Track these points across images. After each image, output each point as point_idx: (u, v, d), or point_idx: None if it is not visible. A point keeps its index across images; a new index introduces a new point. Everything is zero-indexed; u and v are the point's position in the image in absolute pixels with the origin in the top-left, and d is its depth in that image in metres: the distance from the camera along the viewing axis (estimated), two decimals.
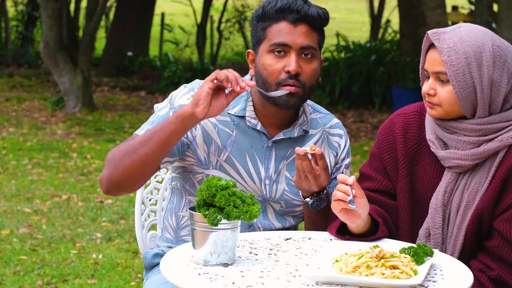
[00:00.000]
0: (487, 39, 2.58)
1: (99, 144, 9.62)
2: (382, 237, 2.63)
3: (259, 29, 2.75)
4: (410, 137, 2.72)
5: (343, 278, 2.25)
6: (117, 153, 2.64)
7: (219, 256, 2.38)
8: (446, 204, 2.65)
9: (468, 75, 2.55)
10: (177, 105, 2.75)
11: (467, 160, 2.61)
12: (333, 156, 2.90)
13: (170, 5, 24.14)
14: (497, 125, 2.60)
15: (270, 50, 2.71)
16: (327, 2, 28.09)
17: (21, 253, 5.58)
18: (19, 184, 7.61)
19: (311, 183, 2.68)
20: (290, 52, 2.71)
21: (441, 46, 2.57)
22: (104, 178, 2.66)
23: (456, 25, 2.64)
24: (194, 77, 13.77)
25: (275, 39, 2.71)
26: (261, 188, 2.81)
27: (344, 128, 2.96)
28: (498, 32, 8.45)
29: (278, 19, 2.72)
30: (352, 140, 10.22)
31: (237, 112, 2.80)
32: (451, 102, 2.59)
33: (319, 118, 2.90)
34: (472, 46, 2.56)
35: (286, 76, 2.69)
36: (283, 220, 2.87)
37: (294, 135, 2.82)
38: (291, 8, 2.71)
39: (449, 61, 2.55)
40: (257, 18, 2.76)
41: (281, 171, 2.82)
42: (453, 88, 2.56)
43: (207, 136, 2.77)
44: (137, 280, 5.13)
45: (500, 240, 2.60)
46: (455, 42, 2.56)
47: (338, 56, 13.30)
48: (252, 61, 2.80)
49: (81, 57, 11.60)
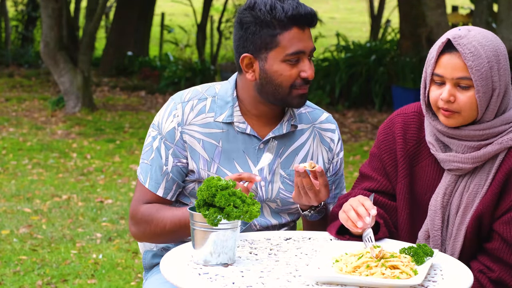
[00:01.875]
0: (499, 42, 2.59)
1: (99, 144, 9.61)
2: (382, 238, 2.63)
3: (265, 35, 2.70)
4: (409, 138, 2.72)
5: (343, 278, 2.25)
6: (148, 229, 2.83)
7: (219, 256, 2.38)
8: (446, 206, 2.65)
9: (490, 79, 2.55)
10: (166, 133, 2.80)
11: (467, 164, 2.60)
12: (327, 152, 2.91)
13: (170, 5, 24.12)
14: (498, 128, 2.59)
15: (285, 60, 2.71)
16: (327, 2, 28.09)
17: (21, 253, 5.57)
18: (19, 184, 7.60)
19: (311, 199, 2.68)
20: (303, 58, 2.72)
21: (464, 51, 2.53)
22: (140, 239, 2.89)
23: (464, 28, 2.59)
24: (194, 77, 13.77)
25: (291, 49, 2.69)
26: (256, 190, 2.81)
27: (335, 122, 2.97)
28: (498, 32, 8.45)
29: (289, 26, 2.69)
30: (352, 140, 10.21)
31: (224, 119, 2.80)
32: (471, 108, 2.57)
33: (308, 113, 2.91)
34: (491, 50, 2.55)
35: (301, 81, 2.72)
36: (279, 217, 2.88)
37: (283, 131, 2.82)
38: (300, 14, 2.69)
39: (474, 66, 2.53)
40: (260, 24, 2.70)
41: (276, 170, 2.82)
42: (477, 93, 2.54)
43: (193, 152, 2.80)
44: (137, 280, 5.13)
45: (500, 242, 2.59)
46: (475, 47, 2.54)
47: (338, 56, 13.29)
48: (249, 65, 2.75)
49: (81, 57, 11.60)
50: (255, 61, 2.74)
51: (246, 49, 2.74)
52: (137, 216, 2.82)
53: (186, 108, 2.81)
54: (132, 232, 2.87)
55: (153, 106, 12.29)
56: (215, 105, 2.81)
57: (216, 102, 2.82)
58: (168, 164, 2.79)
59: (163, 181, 2.80)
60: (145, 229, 2.81)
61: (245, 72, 2.76)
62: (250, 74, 2.75)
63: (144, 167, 2.83)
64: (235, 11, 16.95)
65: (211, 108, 2.81)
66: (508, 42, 8.37)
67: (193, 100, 2.82)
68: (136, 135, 10.15)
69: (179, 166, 2.80)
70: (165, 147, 2.80)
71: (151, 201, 2.82)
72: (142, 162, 2.84)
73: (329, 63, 12.94)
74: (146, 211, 2.80)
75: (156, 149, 2.81)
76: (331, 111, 11.83)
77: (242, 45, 2.74)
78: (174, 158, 2.79)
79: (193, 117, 2.80)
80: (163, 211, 2.78)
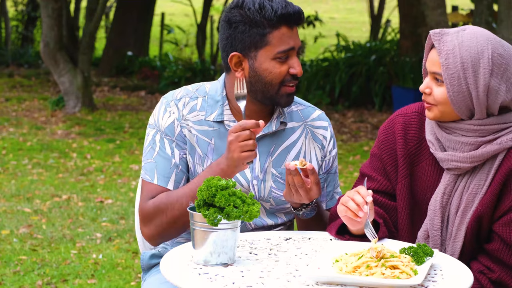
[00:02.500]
0: (489, 46, 2.56)
1: (99, 144, 9.61)
2: (383, 237, 2.63)
3: (254, 34, 2.72)
4: (410, 138, 2.72)
5: (343, 278, 2.25)
6: (163, 216, 2.75)
7: (219, 256, 2.38)
8: (445, 206, 2.65)
9: (463, 80, 2.55)
10: (165, 128, 2.80)
11: (466, 163, 2.60)
12: (319, 150, 2.91)
13: (170, 5, 24.13)
14: (494, 126, 2.59)
15: (276, 57, 2.73)
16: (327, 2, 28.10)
17: (21, 253, 5.57)
18: (19, 184, 7.60)
19: (303, 197, 2.68)
20: (292, 55, 2.75)
21: (440, 48, 2.56)
22: (155, 237, 2.80)
23: (462, 27, 2.62)
24: (194, 77, 13.78)
25: (281, 47, 2.72)
26: (249, 189, 2.82)
27: (328, 119, 2.97)
28: (498, 32, 8.44)
29: (279, 26, 2.72)
30: (352, 140, 10.21)
31: (215, 118, 2.81)
32: (445, 103, 2.59)
33: (299, 111, 2.91)
34: (471, 52, 2.55)
35: (290, 78, 2.75)
36: (275, 218, 2.88)
37: (272, 129, 2.83)
38: (289, 12, 2.72)
39: (445, 63, 2.55)
40: (249, 23, 2.71)
41: (267, 169, 2.83)
42: (447, 90, 2.56)
43: (191, 147, 2.81)
44: (137, 280, 5.13)
45: (500, 243, 2.60)
46: (454, 46, 2.55)
47: (338, 56, 13.30)
48: (237, 64, 2.76)
49: (81, 57, 11.60)
50: (244, 59, 2.75)
51: (234, 48, 2.75)
52: (148, 212, 2.77)
53: (179, 104, 2.83)
54: (147, 233, 2.79)
55: (153, 106, 12.29)
56: (206, 104, 2.83)
57: (207, 101, 2.84)
58: (175, 157, 2.79)
59: (173, 173, 2.79)
60: (161, 221, 2.75)
61: (234, 71, 2.77)
62: (240, 73, 2.76)
63: (149, 165, 2.82)
64: (222, 10, 16.97)
65: (202, 107, 2.83)
66: (508, 42, 8.36)
67: (184, 98, 2.85)
68: (136, 135, 10.15)
69: (185, 158, 2.81)
70: (168, 141, 2.80)
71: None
72: (146, 162, 2.83)
73: (329, 63, 12.94)
74: (156, 202, 2.76)
75: (160, 145, 2.81)
76: (331, 111, 11.84)
77: (230, 44, 2.76)
78: (179, 151, 2.80)
79: (186, 113, 2.82)
80: (174, 193, 2.75)
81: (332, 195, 2.95)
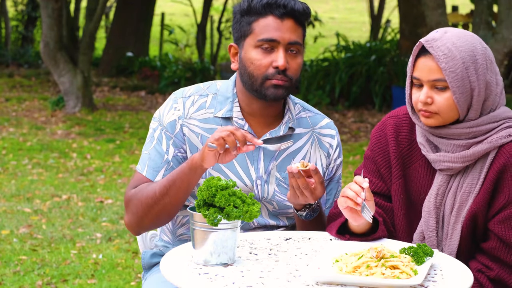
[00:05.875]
0: (476, 41, 2.59)
1: (99, 144, 9.62)
2: (382, 236, 2.63)
3: (244, 23, 2.74)
4: (401, 140, 2.73)
5: (343, 278, 2.25)
6: (139, 205, 2.73)
7: (219, 256, 2.38)
8: (439, 206, 2.66)
9: (466, 79, 2.56)
10: (167, 124, 2.81)
11: (457, 163, 2.61)
12: (325, 157, 2.90)
13: (170, 5, 24.13)
14: (486, 126, 2.60)
15: (257, 46, 2.72)
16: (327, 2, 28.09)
17: (21, 253, 5.58)
18: (19, 184, 7.61)
19: (308, 197, 2.67)
20: (278, 47, 2.72)
21: (437, 54, 2.55)
22: (133, 225, 2.77)
23: (441, 30, 2.62)
24: (194, 77, 13.78)
25: (262, 35, 2.71)
26: (253, 189, 2.81)
27: (335, 128, 2.96)
28: (498, 32, 8.44)
29: (265, 14, 2.72)
30: (352, 140, 10.22)
31: (224, 114, 2.81)
32: (449, 109, 2.58)
33: (308, 117, 2.91)
34: (466, 51, 2.56)
35: (274, 71, 2.72)
36: (277, 219, 2.88)
37: (280, 133, 2.82)
38: (278, 3, 2.71)
39: (447, 67, 2.55)
40: (241, 12, 2.75)
41: (271, 172, 2.82)
42: (453, 94, 2.56)
43: (192, 146, 2.81)
44: (137, 280, 5.13)
45: (496, 241, 2.60)
46: (449, 49, 2.55)
47: (338, 56, 13.29)
48: (234, 55, 2.79)
49: (81, 57, 11.60)
50: (238, 50, 2.78)
51: (234, 38, 2.79)
52: (127, 200, 2.77)
53: (187, 102, 2.83)
54: (125, 221, 2.79)
55: (153, 106, 12.29)
56: (215, 101, 2.83)
57: (216, 98, 2.83)
58: (169, 154, 2.80)
59: (162, 169, 2.79)
60: (137, 209, 2.73)
61: (232, 62, 2.80)
62: (234, 64, 2.78)
63: (144, 157, 2.83)
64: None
65: (211, 104, 2.83)
66: (508, 42, 8.36)
67: (194, 95, 2.85)
68: (136, 135, 10.15)
69: (179, 157, 2.80)
70: (166, 137, 2.81)
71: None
72: (143, 153, 2.85)
73: (329, 63, 12.94)
74: (136, 190, 2.76)
75: (157, 139, 2.82)
76: (331, 111, 11.84)
77: (233, 35, 2.80)
78: (175, 148, 2.80)
79: (193, 111, 2.82)
80: (153, 184, 2.75)
81: (331, 204, 2.93)
